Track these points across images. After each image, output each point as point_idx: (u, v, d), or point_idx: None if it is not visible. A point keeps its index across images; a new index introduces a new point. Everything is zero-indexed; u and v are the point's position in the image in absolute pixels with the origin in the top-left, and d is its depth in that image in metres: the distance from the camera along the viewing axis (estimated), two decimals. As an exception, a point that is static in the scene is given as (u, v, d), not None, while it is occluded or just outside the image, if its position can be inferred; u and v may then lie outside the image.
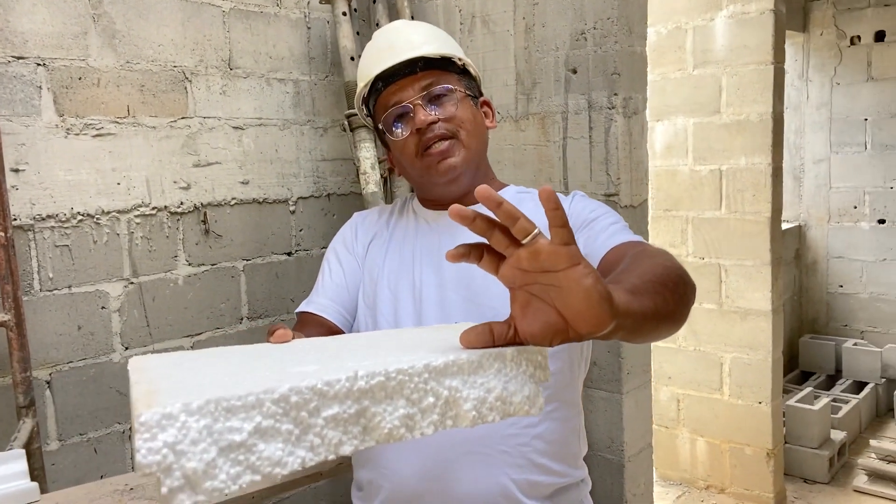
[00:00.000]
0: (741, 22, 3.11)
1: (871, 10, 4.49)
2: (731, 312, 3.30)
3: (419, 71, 1.16)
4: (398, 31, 1.22)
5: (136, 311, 1.92)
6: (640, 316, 0.75)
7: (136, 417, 0.53)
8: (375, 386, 0.63)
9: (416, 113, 1.15)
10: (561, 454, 1.14)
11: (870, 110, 4.57)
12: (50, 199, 1.75)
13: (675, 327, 0.91)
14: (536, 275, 0.66)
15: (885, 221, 4.61)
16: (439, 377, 0.67)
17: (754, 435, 3.32)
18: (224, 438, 0.55)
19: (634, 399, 2.07)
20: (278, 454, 0.58)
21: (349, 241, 1.29)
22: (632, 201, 1.98)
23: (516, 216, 0.64)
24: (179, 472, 0.53)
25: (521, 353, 0.73)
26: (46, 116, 1.73)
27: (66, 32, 1.76)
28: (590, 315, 0.65)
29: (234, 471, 0.56)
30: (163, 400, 0.55)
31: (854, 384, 4.44)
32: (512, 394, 0.72)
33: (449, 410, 0.68)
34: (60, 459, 1.79)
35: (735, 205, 3.21)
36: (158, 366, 0.69)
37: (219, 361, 0.72)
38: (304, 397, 0.59)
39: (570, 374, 1.15)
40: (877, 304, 4.70)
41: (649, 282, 0.84)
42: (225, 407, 0.56)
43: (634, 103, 1.96)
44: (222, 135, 2.07)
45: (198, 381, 0.61)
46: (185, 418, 0.54)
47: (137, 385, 0.60)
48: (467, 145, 1.17)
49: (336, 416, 0.61)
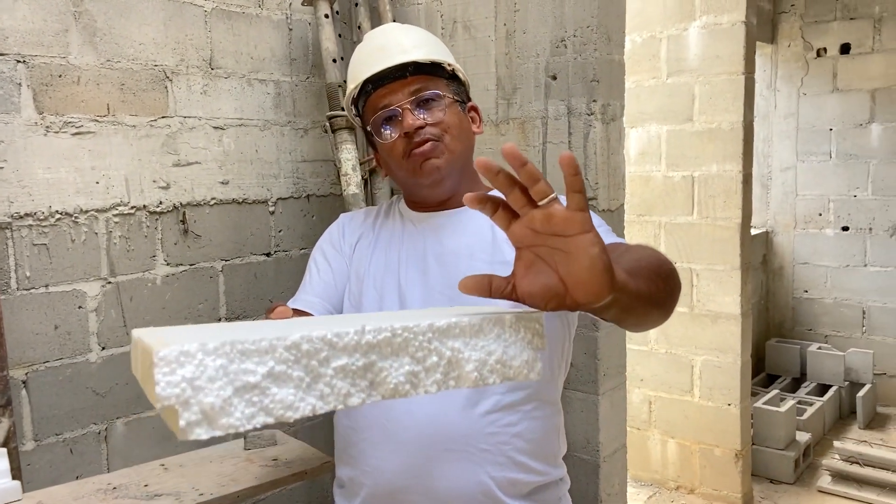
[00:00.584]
0: (714, 33, 3.18)
1: (836, 24, 4.62)
2: (701, 316, 3.37)
3: (409, 75, 1.18)
4: (390, 35, 1.24)
5: (113, 311, 1.91)
6: (634, 295, 0.78)
7: (156, 353, 0.54)
8: (382, 341, 0.66)
9: (405, 117, 1.17)
10: (541, 453, 1.16)
11: (835, 120, 4.69)
12: (28, 198, 1.74)
13: (662, 316, 0.95)
14: (546, 237, 0.68)
15: (849, 229, 4.74)
16: (442, 338, 0.70)
17: (723, 436, 3.39)
18: (239, 379, 0.57)
19: (610, 400, 2.11)
20: (290, 398, 0.60)
21: (336, 239, 1.30)
22: (609, 206, 2.02)
23: (537, 177, 0.66)
24: (197, 406, 0.55)
25: (520, 319, 0.76)
26: (26, 114, 1.72)
27: (46, 30, 1.74)
28: (591, 283, 0.68)
29: (248, 411, 0.58)
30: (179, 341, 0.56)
31: (818, 387, 4.55)
32: (511, 358, 0.74)
33: (452, 370, 0.71)
34: (36, 460, 1.77)
35: (706, 210, 3.28)
36: (164, 331, 0.71)
37: (222, 329, 0.74)
38: (315, 346, 0.62)
39: (551, 373, 1.17)
40: (840, 310, 4.83)
41: (645, 268, 0.87)
42: (240, 350, 0.58)
43: (612, 110, 2.00)
44: (202, 134, 2.07)
45: (209, 334, 0.63)
46: (203, 357, 0.56)
47: (148, 339, 0.61)
48: (452, 148, 1.19)
49: (345, 367, 0.64)
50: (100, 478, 1.23)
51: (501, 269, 1.12)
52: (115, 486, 1.18)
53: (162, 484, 1.21)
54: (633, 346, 3.60)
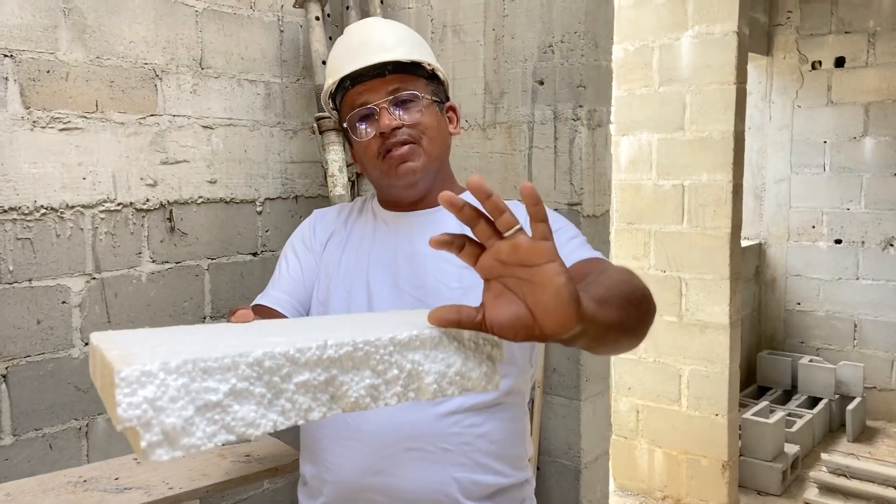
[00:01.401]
0: (706, 42, 3.20)
1: (832, 37, 4.64)
2: (690, 325, 3.37)
3: (388, 74, 1.18)
4: (372, 30, 1.24)
5: (97, 307, 1.91)
6: (603, 325, 0.77)
7: (117, 373, 0.54)
8: (343, 356, 0.66)
9: (381, 116, 1.16)
10: (504, 455, 1.16)
11: (829, 133, 4.71)
12: (13, 192, 1.74)
13: (634, 343, 0.94)
14: (513, 268, 0.69)
15: (842, 242, 4.75)
16: (403, 350, 0.70)
17: (710, 447, 3.38)
18: (201, 398, 0.58)
19: (592, 406, 2.11)
20: (252, 416, 0.60)
21: (307, 237, 1.30)
22: (594, 211, 2.02)
23: (502, 209, 0.67)
24: (158, 427, 0.55)
25: (479, 333, 0.76)
26: (12, 108, 1.72)
27: (35, 25, 1.75)
28: (558, 314, 0.68)
29: (210, 429, 0.58)
30: (140, 359, 0.56)
31: (809, 399, 4.54)
32: (470, 370, 0.75)
33: (412, 383, 0.71)
34: (14, 454, 1.77)
35: (696, 219, 3.29)
36: (125, 337, 0.71)
37: (184, 335, 0.74)
38: (277, 362, 0.62)
39: (519, 377, 1.17)
40: (832, 322, 4.83)
41: (615, 296, 0.86)
42: (202, 368, 0.58)
43: (599, 116, 2.01)
44: (191, 133, 2.07)
45: (168, 348, 0.63)
46: (164, 376, 0.56)
47: (109, 351, 0.61)
48: (428, 151, 1.19)
49: (306, 383, 0.64)
50: (71, 471, 1.23)
51: (470, 272, 1.13)
52: (85, 479, 1.18)
53: (133, 477, 1.21)
54: (620, 354, 3.60)
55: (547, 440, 2.13)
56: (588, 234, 1.99)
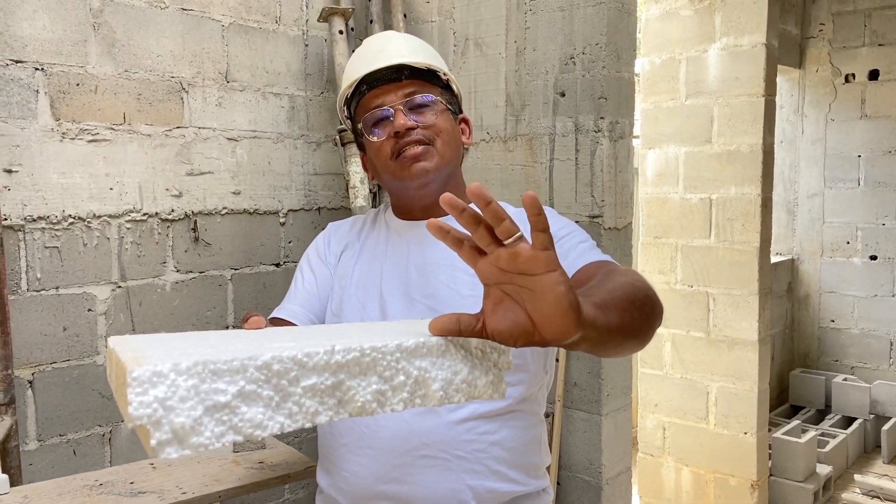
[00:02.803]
0: (734, 54, 3.16)
1: (865, 49, 4.56)
2: (718, 341, 3.31)
3: (404, 79, 1.19)
4: (389, 39, 1.25)
5: (122, 315, 1.94)
6: (605, 330, 0.77)
7: (129, 373, 0.56)
8: (351, 361, 0.67)
9: (396, 117, 1.17)
10: (519, 463, 1.15)
11: (863, 147, 4.61)
12: (42, 201, 1.78)
13: (639, 345, 0.93)
14: (513, 275, 0.69)
15: (877, 258, 4.63)
16: (410, 357, 0.71)
17: (739, 466, 3.31)
18: (210, 398, 0.59)
19: (614, 421, 2.08)
20: (259, 417, 0.62)
21: (322, 250, 1.31)
22: (616, 224, 2.00)
23: (502, 217, 0.67)
24: (168, 426, 0.57)
25: (486, 342, 0.76)
26: (42, 120, 1.77)
27: (65, 39, 1.80)
28: (557, 321, 0.68)
29: (218, 429, 0.60)
30: (152, 361, 0.58)
31: (843, 419, 4.43)
32: (477, 378, 0.75)
33: (418, 389, 0.72)
34: (38, 459, 1.80)
35: (724, 234, 3.24)
36: (141, 340, 0.73)
37: (198, 340, 0.75)
38: (285, 366, 0.63)
39: (533, 384, 1.16)
40: (867, 340, 4.71)
41: (618, 298, 0.86)
42: (212, 369, 0.60)
43: (621, 128, 1.99)
44: (216, 145, 2.11)
45: (180, 352, 0.65)
46: (175, 377, 0.58)
47: (123, 353, 0.63)
48: (441, 153, 1.19)
49: (314, 387, 0.65)
50: (87, 475, 1.25)
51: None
52: (101, 482, 1.20)
53: (148, 482, 1.22)
54: (647, 370, 3.55)
55: (567, 455, 2.10)
56: (610, 247, 1.98)
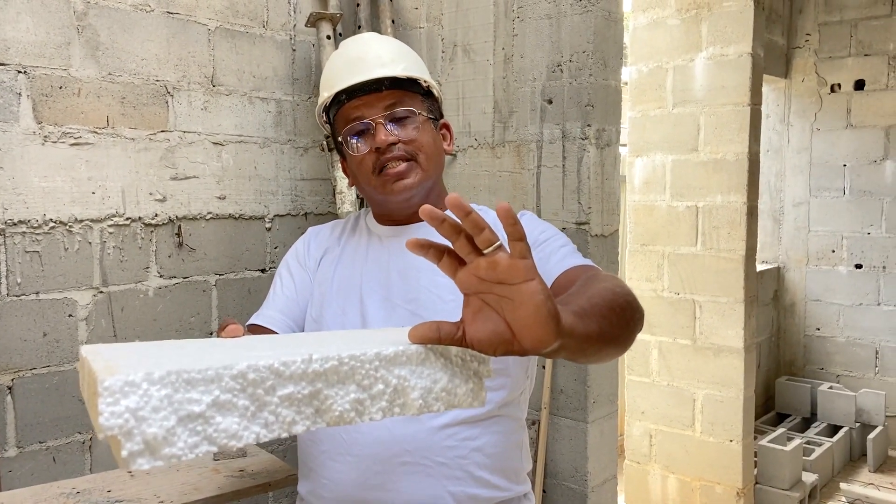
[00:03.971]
0: (720, 64, 3.18)
1: (851, 60, 4.60)
2: (704, 349, 3.32)
3: (384, 89, 1.18)
4: (368, 45, 1.24)
5: (103, 321, 1.92)
6: (584, 338, 0.78)
7: (100, 383, 0.55)
8: (329, 370, 0.66)
9: (378, 132, 1.16)
10: (501, 468, 1.14)
11: (848, 157, 4.65)
12: (23, 205, 1.76)
13: (619, 351, 0.93)
14: (492, 284, 0.68)
15: (863, 266, 4.67)
16: (389, 366, 0.70)
17: (725, 473, 3.31)
18: (183, 408, 0.58)
19: (600, 429, 2.08)
20: (234, 427, 0.61)
21: (302, 254, 1.30)
22: (602, 231, 2.00)
23: (482, 226, 0.67)
24: (140, 436, 0.56)
25: (466, 350, 0.76)
26: (24, 123, 1.75)
27: (49, 42, 1.78)
28: (536, 330, 0.68)
29: (192, 440, 0.58)
30: (124, 370, 0.57)
31: (829, 427, 4.45)
32: (456, 386, 0.75)
33: (397, 398, 0.71)
34: (18, 466, 1.77)
35: (710, 242, 3.25)
36: (113, 349, 0.71)
37: (173, 349, 0.74)
38: (261, 375, 0.62)
39: (515, 389, 1.16)
40: (853, 349, 4.74)
41: (597, 305, 0.86)
42: (185, 379, 0.58)
43: (608, 135, 2.00)
44: (201, 150, 2.09)
45: (154, 360, 0.63)
46: (147, 387, 0.56)
47: (95, 362, 0.62)
48: (424, 168, 1.18)
49: (291, 396, 0.64)
50: (65, 482, 1.23)
51: None
52: (78, 490, 1.18)
53: (125, 490, 1.20)
54: (633, 377, 3.55)
55: (553, 462, 2.10)
56: (596, 254, 1.97)
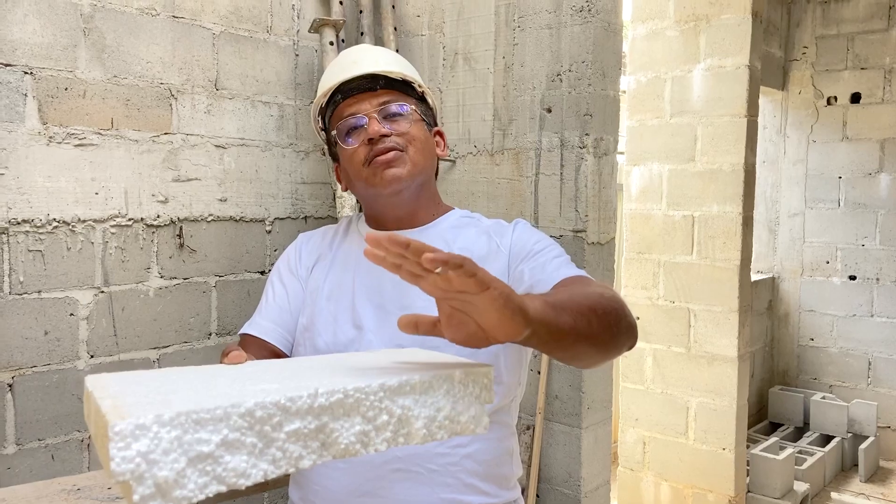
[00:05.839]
0: (717, 75, 3.21)
1: (847, 73, 4.64)
2: (698, 357, 3.34)
3: (379, 88, 1.19)
4: (364, 51, 1.26)
5: (104, 320, 1.94)
6: (555, 328, 0.81)
7: (111, 427, 0.55)
8: (334, 403, 0.67)
9: (370, 124, 1.16)
10: (491, 475, 1.15)
11: (844, 169, 4.69)
12: (27, 204, 1.78)
13: (599, 353, 0.95)
14: (454, 294, 0.72)
15: (856, 278, 4.70)
16: (393, 396, 0.72)
17: (717, 481, 3.33)
18: (193, 449, 0.59)
19: (594, 435, 2.10)
20: (243, 466, 0.61)
21: (293, 262, 1.29)
22: (599, 239, 2.03)
23: (422, 250, 0.69)
24: (151, 480, 0.56)
25: (469, 374, 0.78)
26: (30, 123, 1.77)
27: (55, 44, 1.80)
28: (505, 326, 0.74)
29: (201, 480, 0.59)
30: (134, 412, 0.57)
31: (821, 437, 4.47)
32: (459, 413, 0.76)
33: (402, 428, 0.72)
34: (17, 464, 1.79)
35: (706, 251, 3.28)
36: (118, 383, 0.71)
37: (177, 380, 0.74)
38: (268, 412, 0.63)
39: (507, 396, 1.17)
40: (846, 359, 4.77)
41: (576, 303, 0.89)
42: (195, 419, 0.59)
43: (605, 144, 2.02)
44: (204, 152, 2.11)
45: (162, 397, 0.64)
46: (158, 429, 0.57)
47: (103, 400, 0.62)
48: (414, 160, 1.18)
49: (297, 431, 0.65)
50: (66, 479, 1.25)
51: None
52: (79, 487, 1.19)
53: (126, 488, 1.21)
54: (628, 384, 3.58)
55: (547, 467, 2.12)
56: (593, 262, 2.00)
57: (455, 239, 1.20)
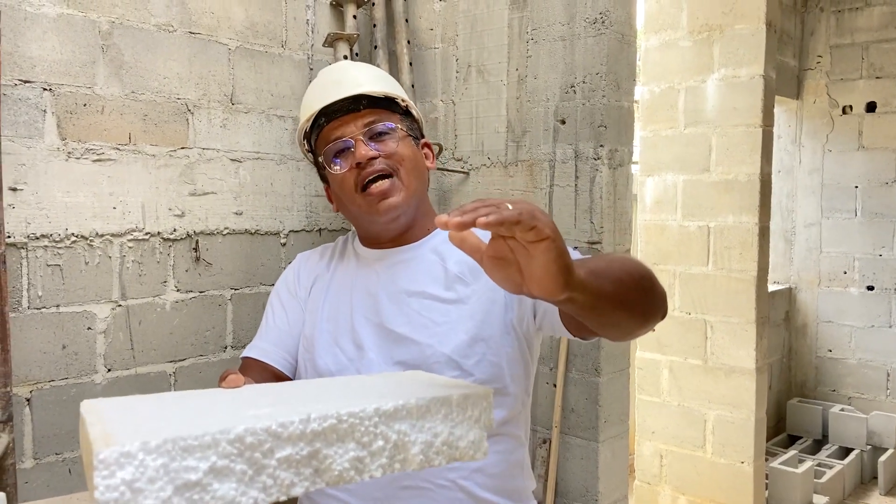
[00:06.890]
0: (732, 85, 3.20)
1: (863, 82, 4.61)
2: (715, 369, 3.32)
3: (363, 108, 1.18)
4: (344, 70, 1.25)
5: (121, 334, 1.95)
6: (595, 294, 0.81)
7: (95, 455, 0.54)
8: (328, 428, 0.66)
9: (357, 148, 1.16)
10: (504, 488, 1.14)
11: (860, 178, 4.65)
12: (45, 219, 1.80)
13: (635, 320, 0.95)
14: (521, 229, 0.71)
15: (874, 288, 4.65)
16: (389, 421, 0.70)
17: (736, 495, 3.29)
18: (180, 477, 0.57)
19: (611, 449, 2.08)
20: (231, 494, 0.60)
21: (292, 284, 1.29)
22: (614, 250, 2.02)
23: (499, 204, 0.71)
24: None
25: (468, 398, 0.76)
26: (49, 139, 1.79)
27: (74, 60, 1.82)
28: (545, 281, 0.73)
29: None
30: (121, 439, 0.56)
31: (840, 450, 4.42)
32: (458, 438, 0.75)
33: (398, 454, 0.71)
34: (34, 478, 1.79)
35: (722, 262, 3.26)
36: (112, 408, 0.70)
37: (172, 405, 0.73)
38: (259, 438, 0.62)
39: (514, 408, 1.16)
40: (864, 371, 4.71)
41: (612, 269, 0.89)
42: (182, 446, 0.58)
43: (620, 155, 2.02)
44: (220, 166, 2.13)
45: (153, 423, 0.63)
46: (143, 457, 0.56)
47: (93, 426, 0.61)
48: (407, 184, 1.18)
49: (289, 458, 0.63)
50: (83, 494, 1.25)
51: (454, 307, 1.12)
52: (98, 502, 1.20)
53: (144, 503, 1.21)
54: (644, 396, 3.55)
55: (564, 482, 2.10)
56: (608, 273, 1.99)
57: (449, 252, 1.19)
